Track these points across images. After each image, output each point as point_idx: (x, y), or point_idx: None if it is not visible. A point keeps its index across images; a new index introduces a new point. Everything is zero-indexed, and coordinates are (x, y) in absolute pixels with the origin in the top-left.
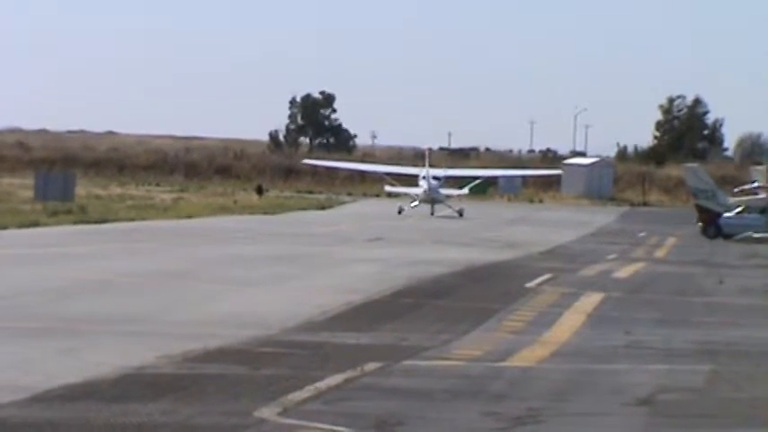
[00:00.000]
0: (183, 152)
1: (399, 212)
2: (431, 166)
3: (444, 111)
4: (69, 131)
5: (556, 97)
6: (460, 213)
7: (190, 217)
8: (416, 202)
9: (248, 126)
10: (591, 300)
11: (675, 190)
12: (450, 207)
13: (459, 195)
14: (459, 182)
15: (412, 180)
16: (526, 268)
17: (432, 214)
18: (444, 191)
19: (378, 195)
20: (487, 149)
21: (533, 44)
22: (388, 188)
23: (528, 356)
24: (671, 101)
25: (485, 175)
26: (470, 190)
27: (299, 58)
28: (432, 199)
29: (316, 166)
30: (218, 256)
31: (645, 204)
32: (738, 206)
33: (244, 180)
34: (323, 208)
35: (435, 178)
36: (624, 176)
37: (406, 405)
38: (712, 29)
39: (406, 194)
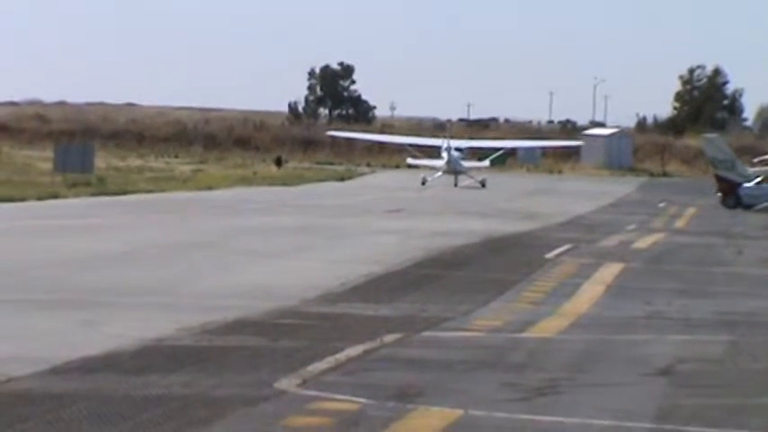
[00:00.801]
0: (202, 124)
1: (423, 183)
2: (451, 137)
3: (463, 82)
4: (88, 103)
5: (575, 68)
6: (483, 184)
7: (209, 188)
8: (440, 173)
9: (267, 97)
10: (610, 270)
11: (695, 160)
12: (472, 178)
13: (480, 167)
14: (478, 153)
15: (434, 152)
16: (545, 239)
17: (455, 185)
18: (466, 163)
19: (397, 167)
20: (507, 120)
21: (552, 14)
22: (410, 160)
23: (547, 327)
24: (691, 71)
25: (506, 147)
26: (491, 162)
27: (318, 29)
28: (454, 170)
29: (338, 138)
30: (237, 227)
31: (664, 175)
32: (758, 176)
33: (263, 151)
34: (342, 179)
35: (457, 149)
36: (643, 147)
37: (425, 376)
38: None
39: (427, 166)
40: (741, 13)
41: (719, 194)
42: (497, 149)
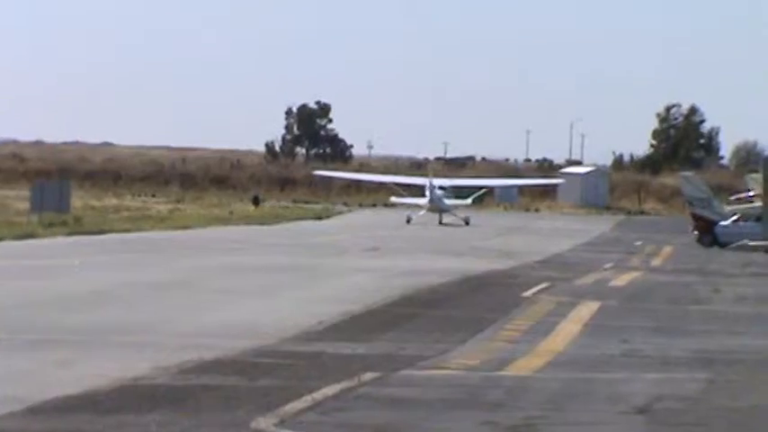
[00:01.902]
0: (179, 163)
1: (408, 221)
2: (434, 176)
3: (440, 121)
4: (65, 143)
5: (552, 106)
6: (466, 222)
7: (186, 228)
8: (423, 212)
9: (245, 137)
10: (587, 309)
11: (671, 199)
12: (456, 216)
13: (462, 205)
14: (457, 192)
15: (417, 190)
16: (523, 277)
17: (440, 222)
18: (448, 201)
19: (374, 205)
20: (483, 159)
21: (529, 54)
22: (393, 198)
23: (525, 365)
24: (668, 109)
25: (488, 185)
26: (473, 200)
27: (295, 68)
28: (438, 208)
29: (323, 177)
30: (214, 266)
31: (641, 213)
32: (734, 214)
33: (240, 191)
34: (320, 218)
35: (441, 188)
36: (620, 185)
37: (403, 415)
38: (708, 37)
39: (411, 205)
40: (717, 52)
41: (696, 233)
42: (479, 188)
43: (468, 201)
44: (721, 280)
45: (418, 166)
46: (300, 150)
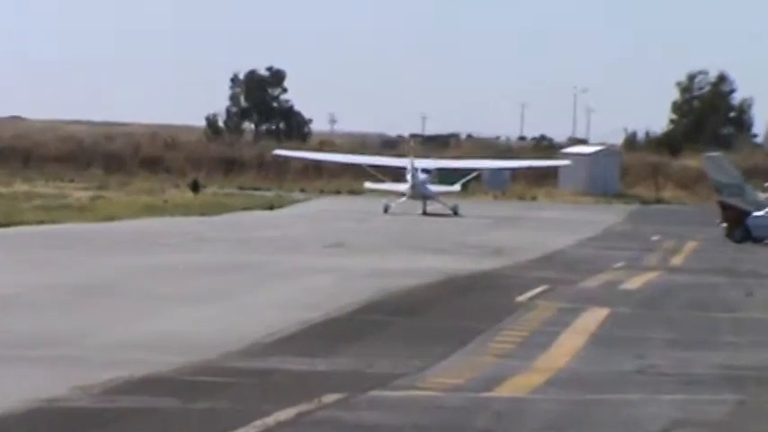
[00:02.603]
0: (102, 141)
1: (385, 210)
2: (416, 156)
3: (417, 91)
4: None
5: (551, 74)
6: (455, 211)
7: (111, 219)
8: (403, 199)
9: (181, 109)
10: (594, 316)
11: (695, 184)
12: (443, 204)
13: (449, 192)
14: (442, 176)
15: (395, 173)
16: (516, 279)
17: (424, 212)
18: (433, 186)
19: (338, 192)
20: (469, 136)
21: (523, 11)
22: (368, 184)
23: (519, 385)
24: (691, 77)
25: (480, 168)
26: (463, 186)
27: (242, 27)
28: (421, 195)
29: (287, 158)
30: (145, 266)
31: (658, 201)
32: None
33: (176, 174)
34: (271, 208)
35: (424, 171)
36: (633, 168)
37: None
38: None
39: (389, 191)
40: (750, 10)
41: (724, 225)
42: (469, 171)
43: (457, 187)
44: (755, 282)
45: (391, 145)
46: (249, 126)
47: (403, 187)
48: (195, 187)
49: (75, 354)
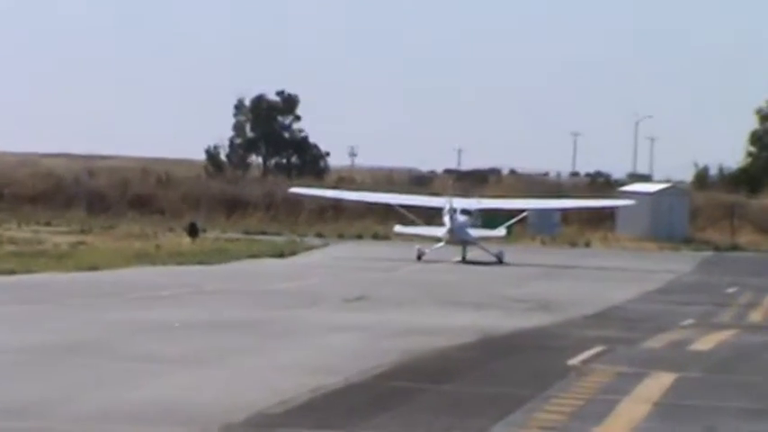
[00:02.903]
0: (84, 176)
1: (419, 258)
2: (454, 195)
3: (450, 120)
4: None
5: (607, 100)
6: (500, 258)
7: (94, 268)
8: (440, 244)
9: (177, 139)
10: (658, 382)
11: None
12: (485, 250)
13: (494, 236)
14: (486, 217)
15: (429, 215)
16: (567, 338)
17: (463, 259)
18: (475, 231)
19: (360, 237)
20: (512, 172)
21: (574, 27)
22: (398, 228)
23: None
24: None
25: (529, 208)
26: (508, 229)
27: (250, 47)
28: (461, 240)
29: (305, 197)
30: (133, 322)
31: (734, 248)
32: None
33: (171, 216)
34: (282, 255)
35: (464, 212)
36: (705, 209)
37: None
38: None
39: (422, 236)
40: None
41: None
42: (516, 212)
43: (502, 230)
44: None
45: (423, 182)
46: (256, 160)
47: (440, 231)
48: (193, 231)
49: (48, 426)
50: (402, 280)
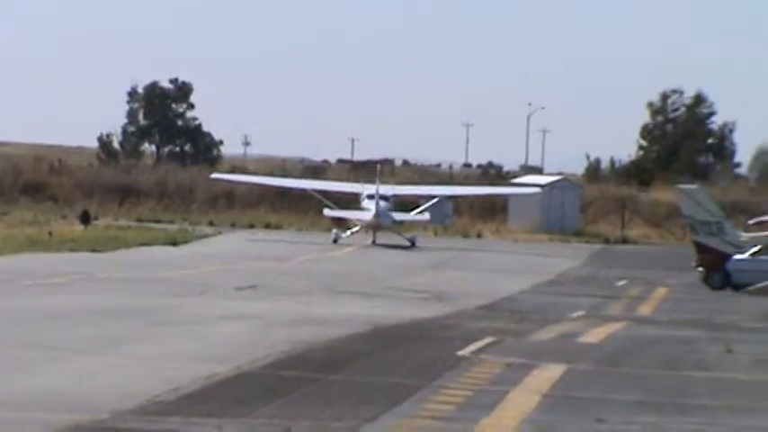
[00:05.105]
0: None
1: (335, 241)
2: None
3: (344, 110)
4: None
5: (500, 91)
6: (413, 242)
7: None
8: (357, 228)
9: (70, 127)
10: (548, 374)
11: (667, 221)
12: (400, 234)
13: (419, 221)
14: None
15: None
16: (458, 329)
17: (373, 242)
18: (398, 215)
19: (252, 226)
20: (406, 163)
21: (467, 17)
22: (328, 212)
23: None
24: (664, 97)
25: (441, 194)
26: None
27: (142, 31)
28: (384, 225)
29: (230, 183)
30: (25, 310)
31: (624, 241)
32: (754, 245)
33: (63, 203)
34: (175, 243)
35: (383, 198)
36: (596, 202)
37: None
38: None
39: (353, 220)
40: (732, 22)
41: (700, 269)
42: (428, 198)
43: (426, 215)
44: (735, 336)
45: (316, 172)
46: (149, 148)
47: (365, 215)
48: (86, 219)
49: None
50: (295, 270)
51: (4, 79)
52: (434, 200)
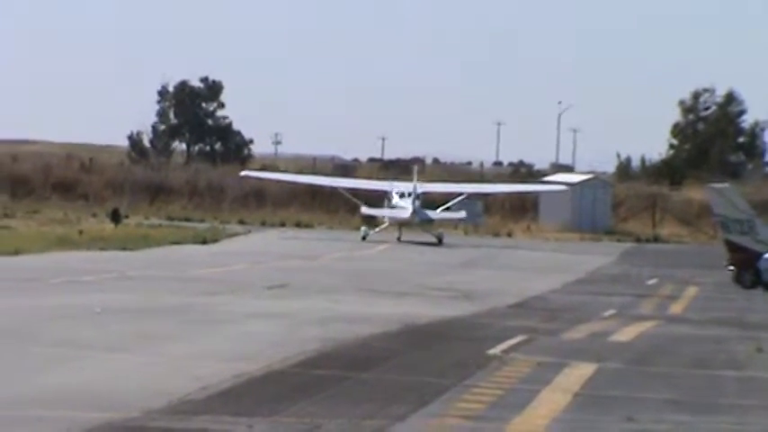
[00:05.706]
0: (7, 161)
1: (364, 238)
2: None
3: (372, 110)
4: None
5: (531, 90)
6: (440, 239)
7: (17, 253)
8: (384, 225)
9: (100, 125)
10: (579, 373)
11: (698, 220)
12: (428, 232)
13: (455, 218)
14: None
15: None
16: (489, 328)
17: (398, 239)
18: (433, 213)
19: (283, 224)
20: (436, 161)
21: (497, 17)
22: (365, 209)
23: None
24: (695, 96)
25: (471, 192)
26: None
27: (173, 30)
28: (419, 223)
29: (254, 179)
30: (55, 307)
31: (655, 239)
32: None
33: (94, 202)
34: (205, 242)
35: (416, 196)
36: (627, 201)
37: None
38: (752, 4)
39: (389, 217)
40: (763, 20)
41: (732, 268)
42: (457, 195)
43: (463, 213)
44: (766, 335)
45: (347, 171)
46: (179, 146)
47: (402, 213)
48: (116, 217)
49: None
50: (324, 267)
51: (35, 78)
52: (462, 196)
